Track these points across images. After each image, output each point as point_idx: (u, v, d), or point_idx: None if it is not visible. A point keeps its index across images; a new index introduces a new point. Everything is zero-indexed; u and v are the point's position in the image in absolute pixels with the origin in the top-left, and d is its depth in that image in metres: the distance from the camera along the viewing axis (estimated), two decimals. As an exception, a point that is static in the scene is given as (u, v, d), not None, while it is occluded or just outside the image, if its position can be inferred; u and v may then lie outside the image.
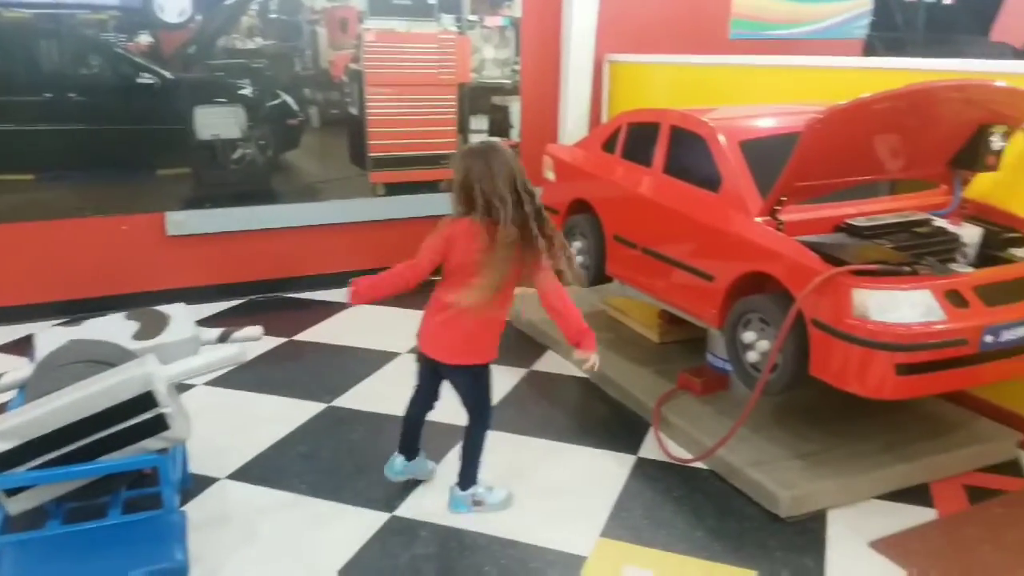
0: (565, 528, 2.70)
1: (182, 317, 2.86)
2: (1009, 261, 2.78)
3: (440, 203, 5.31)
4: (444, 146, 5.35)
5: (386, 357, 4.12)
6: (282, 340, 4.39)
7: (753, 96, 4.38)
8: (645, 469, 3.07)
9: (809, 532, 2.68)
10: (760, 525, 2.72)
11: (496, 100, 5.47)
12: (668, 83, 5.17)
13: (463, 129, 5.40)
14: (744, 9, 5.75)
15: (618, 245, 3.74)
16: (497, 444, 3.24)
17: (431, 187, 5.35)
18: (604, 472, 3.05)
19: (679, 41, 5.43)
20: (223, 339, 2.79)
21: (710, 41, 5.65)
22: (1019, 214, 3.00)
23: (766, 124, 3.43)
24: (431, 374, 2.71)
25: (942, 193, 3.14)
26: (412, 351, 2.97)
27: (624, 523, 2.73)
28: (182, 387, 3.40)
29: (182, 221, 4.83)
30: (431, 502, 2.84)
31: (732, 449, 2.94)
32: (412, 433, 2.87)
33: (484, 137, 5.49)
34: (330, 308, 4.94)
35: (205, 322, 4.39)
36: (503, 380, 3.83)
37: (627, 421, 3.46)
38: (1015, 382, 3.02)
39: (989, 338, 2.52)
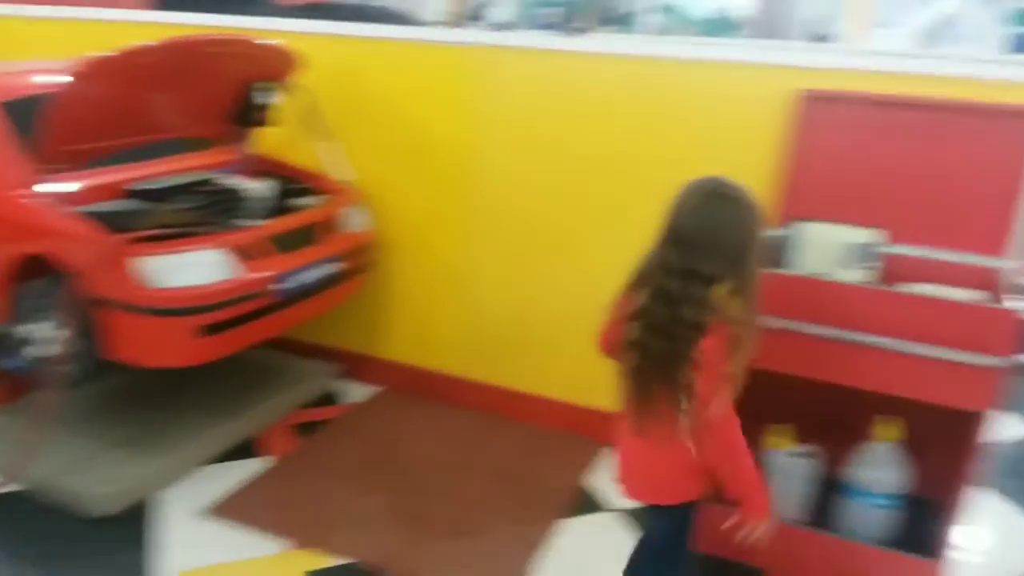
0: None
1: None
2: (295, 211, 2.96)
3: None
4: None
5: None
6: None
7: (28, 51, 3.79)
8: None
9: (134, 523, 2.48)
10: (83, 533, 2.42)
11: None
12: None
13: None
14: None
15: None
16: None
17: None
18: None
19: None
20: None
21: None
22: (303, 166, 3.22)
23: (36, 82, 2.97)
24: None
25: (231, 150, 3.18)
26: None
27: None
28: None
29: None
30: None
31: (45, 457, 2.56)
32: None
33: None
34: None
35: None
36: None
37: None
38: (326, 320, 3.31)
39: (282, 286, 2.65)
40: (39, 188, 2.52)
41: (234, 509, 2.59)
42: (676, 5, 11.46)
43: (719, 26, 11.21)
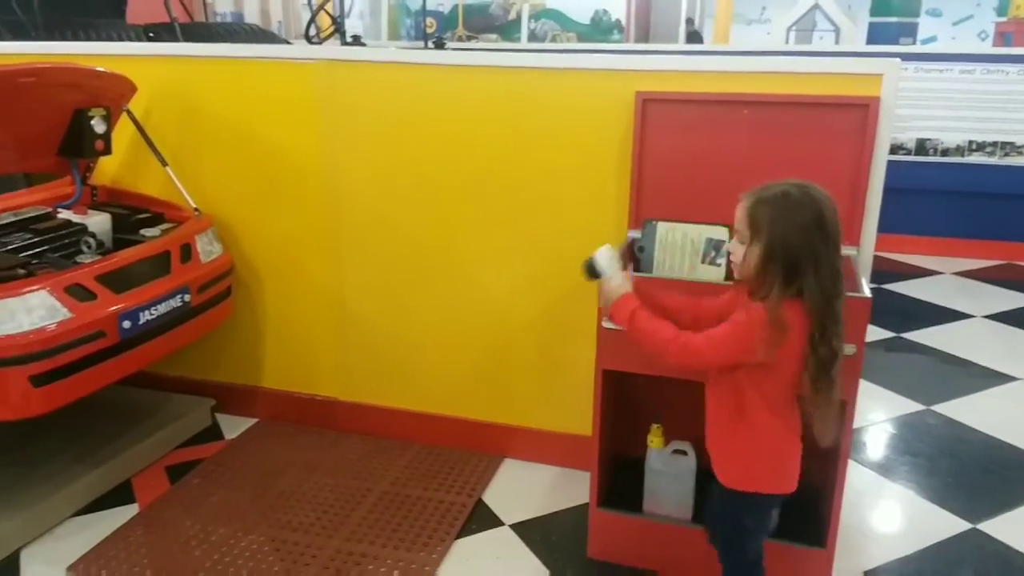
0: None
1: None
2: (140, 243, 2.78)
3: None
4: None
5: None
6: None
7: None
8: None
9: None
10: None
11: None
12: None
13: None
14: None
15: None
16: None
17: None
18: None
19: None
20: None
21: None
22: (148, 195, 3.04)
23: None
24: None
25: (67, 183, 2.96)
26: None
27: None
28: None
29: None
30: None
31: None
32: None
33: None
34: None
35: None
36: None
37: None
38: (194, 352, 3.14)
39: (127, 324, 2.47)
40: None
41: (95, 563, 2.40)
42: (557, 11, 11.63)
43: (599, 29, 11.44)
